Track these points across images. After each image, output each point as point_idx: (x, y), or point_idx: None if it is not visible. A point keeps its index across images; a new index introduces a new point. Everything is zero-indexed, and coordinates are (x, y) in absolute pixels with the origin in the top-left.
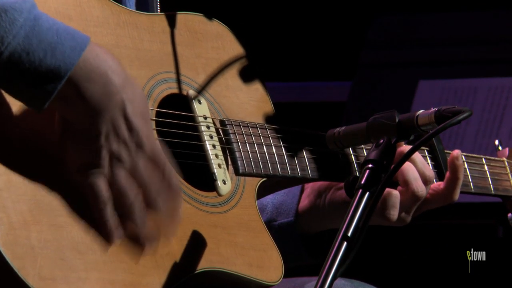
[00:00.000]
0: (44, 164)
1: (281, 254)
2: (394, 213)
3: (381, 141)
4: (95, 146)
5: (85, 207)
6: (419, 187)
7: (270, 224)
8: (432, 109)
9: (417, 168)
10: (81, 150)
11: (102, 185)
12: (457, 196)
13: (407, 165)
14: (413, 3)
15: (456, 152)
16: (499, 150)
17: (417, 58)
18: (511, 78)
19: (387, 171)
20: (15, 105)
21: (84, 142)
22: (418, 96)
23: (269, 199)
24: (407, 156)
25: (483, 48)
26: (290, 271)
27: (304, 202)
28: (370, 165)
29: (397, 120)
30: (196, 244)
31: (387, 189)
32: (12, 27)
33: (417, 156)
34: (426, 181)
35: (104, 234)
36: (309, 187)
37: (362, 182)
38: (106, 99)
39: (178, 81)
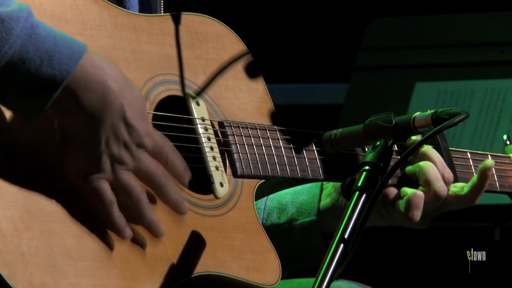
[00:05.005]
0: (36, 171)
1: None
2: (418, 214)
3: (378, 143)
4: (95, 152)
5: (79, 213)
6: (441, 187)
7: (291, 224)
8: (429, 111)
9: (437, 169)
10: (81, 157)
11: (105, 188)
12: (477, 201)
13: (429, 165)
14: (409, 6)
15: (490, 162)
16: (507, 145)
17: (414, 60)
18: (507, 80)
19: (384, 173)
20: (8, 112)
21: (84, 149)
22: (415, 98)
23: (289, 199)
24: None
25: (479, 50)
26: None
27: (325, 201)
28: (367, 167)
29: (394, 122)
30: (192, 248)
31: (412, 190)
32: (9, 36)
33: (436, 157)
34: (446, 182)
35: (113, 234)
36: (330, 186)
37: (359, 184)
38: (104, 107)
39: (182, 83)
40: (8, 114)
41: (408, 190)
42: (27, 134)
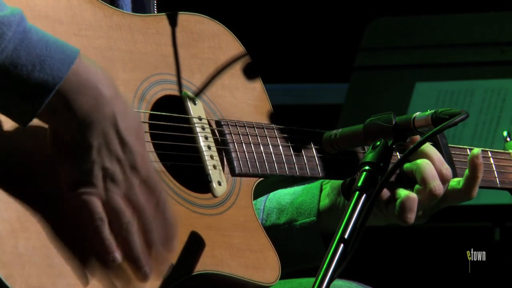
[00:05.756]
0: (34, 173)
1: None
2: (412, 216)
3: (378, 143)
4: (87, 161)
5: (76, 214)
6: (437, 186)
7: (291, 225)
8: (429, 111)
9: (435, 166)
10: (73, 166)
11: (96, 203)
12: (475, 193)
13: (425, 163)
14: (409, 6)
15: (477, 150)
16: (507, 141)
17: (414, 60)
18: (507, 80)
19: (384, 173)
20: (2, 117)
21: (76, 156)
22: (415, 98)
23: (288, 199)
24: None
25: (479, 50)
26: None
27: (325, 201)
28: (367, 167)
29: (394, 122)
30: (190, 247)
31: (405, 192)
32: (0, 41)
33: (434, 153)
34: (444, 180)
35: (102, 250)
36: (328, 186)
37: (359, 184)
38: (96, 111)
39: (178, 83)
40: (2, 119)
41: (402, 192)
42: (20, 139)
